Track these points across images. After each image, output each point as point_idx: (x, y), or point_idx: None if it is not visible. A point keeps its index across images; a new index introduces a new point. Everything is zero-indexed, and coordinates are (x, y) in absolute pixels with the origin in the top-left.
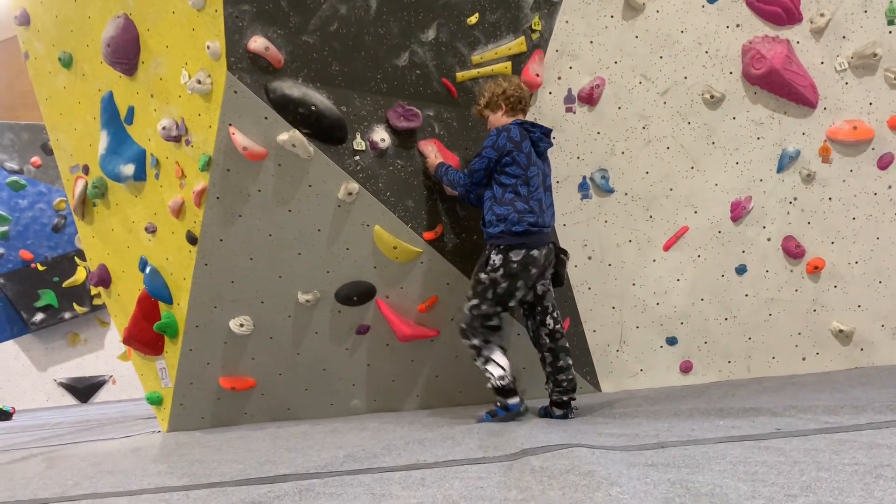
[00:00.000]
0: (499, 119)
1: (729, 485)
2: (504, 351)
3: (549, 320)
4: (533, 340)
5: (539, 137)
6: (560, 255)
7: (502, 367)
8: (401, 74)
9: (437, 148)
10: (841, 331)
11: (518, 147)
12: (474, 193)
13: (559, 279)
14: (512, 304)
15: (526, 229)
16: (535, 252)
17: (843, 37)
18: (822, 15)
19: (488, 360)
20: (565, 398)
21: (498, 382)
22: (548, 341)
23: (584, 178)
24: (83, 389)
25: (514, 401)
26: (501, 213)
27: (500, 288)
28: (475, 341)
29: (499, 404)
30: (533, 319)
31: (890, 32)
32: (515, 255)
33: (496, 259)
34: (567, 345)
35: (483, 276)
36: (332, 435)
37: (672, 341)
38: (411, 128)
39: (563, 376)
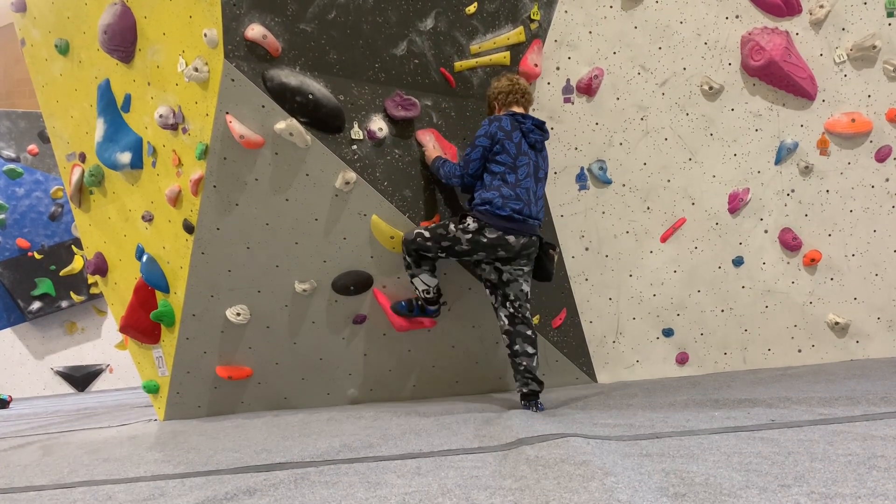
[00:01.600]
0: (507, 110)
1: (723, 475)
2: (432, 272)
3: (509, 305)
4: (497, 317)
5: (529, 128)
6: (548, 251)
7: (427, 284)
8: (399, 63)
9: (434, 137)
10: (837, 323)
11: (508, 136)
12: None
13: (545, 273)
14: (453, 260)
15: (509, 214)
16: (510, 237)
17: (843, 29)
18: (821, 6)
19: (415, 276)
20: (525, 390)
21: (422, 294)
22: (505, 322)
23: (582, 168)
24: (80, 378)
25: (433, 308)
26: (487, 197)
27: (459, 247)
28: (409, 259)
29: (419, 303)
30: (495, 298)
31: (889, 25)
32: (490, 233)
33: (472, 225)
34: (529, 333)
35: (452, 227)
36: (328, 424)
37: (668, 332)
38: (409, 117)
39: (521, 361)
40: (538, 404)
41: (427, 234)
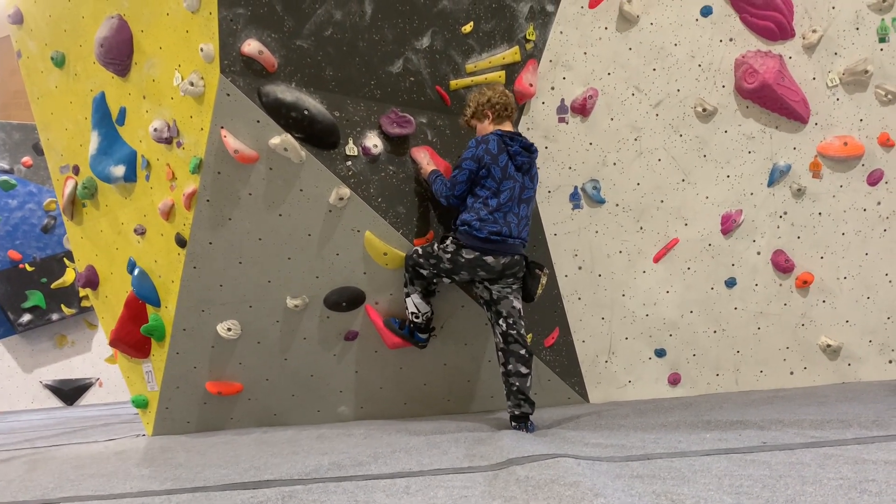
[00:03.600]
0: (485, 127)
1: (714, 497)
2: (425, 295)
3: (502, 322)
4: (493, 334)
5: (517, 151)
6: (535, 270)
7: (417, 308)
8: (394, 81)
9: (429, 155)
10: (829, 345)
11: (495, 160)
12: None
13: (526, 293)
14: (445, 281)
15: (486, 237)
16: (488, 258)
17: (835, 53)
18: (814, 31)
19: (409, 294)
20: (517, 412)
21: (411, 318)
22: (500, 341)
23: (576, 188)
24: (69, 392)
25: (422, 336)
26: (465, 218)
27: (443, 265)
28: (406, 276)
29: (410, 325)
30: (489, 314)
31: (881, 50)
32: (467, 254)
33: (450, 245)
34: (523, 353)
35: (437, 246)
36: (318, 441)
37: (661, 353)
38: (404, 134)
39: (513, 381)
40: (528, 426)
41: (421, 251)
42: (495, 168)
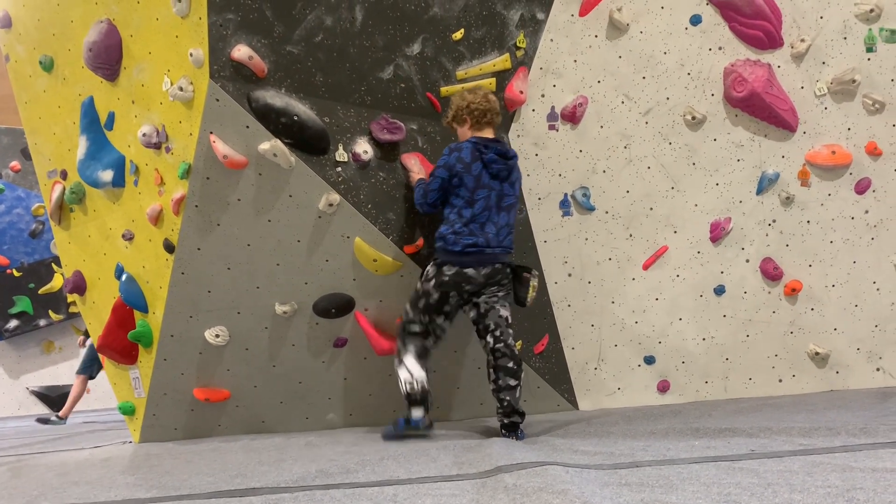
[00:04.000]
0: (465, 132)
1: None
2: (420, 357)
3: (490, 338)
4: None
5: (492, 159)
6: (522, 275)
7: (410, 373)
8: (385, 87)
9: (419, 161)
10: (817, 353)
11: (467, 169)
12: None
13: (517, 299)
14: (440, 319)
15: (462, 249)
16: (469, 270)
17: (823, 62)
18: (802, 40)
19: (401, 362)
20: (506, 420)
21: (404, 387)
22: (491, 358)
23: (566, 195)
24: (56, 398)
25: (417, 413)
26: (441, 232)
27: (431, 299)
28: (398, 342)
29: (405, 417)
30: (478, 334)
31: (868, 59)
32: (448, 270)
33: (430, 270)
34: (511, 366)
35: (419, 285)
36: (306, 449)
37: (650, 360)
38: (394, 140)
39: (503, 396)
40: (518, 434)
41: (407, 306)
42: (468, 177)
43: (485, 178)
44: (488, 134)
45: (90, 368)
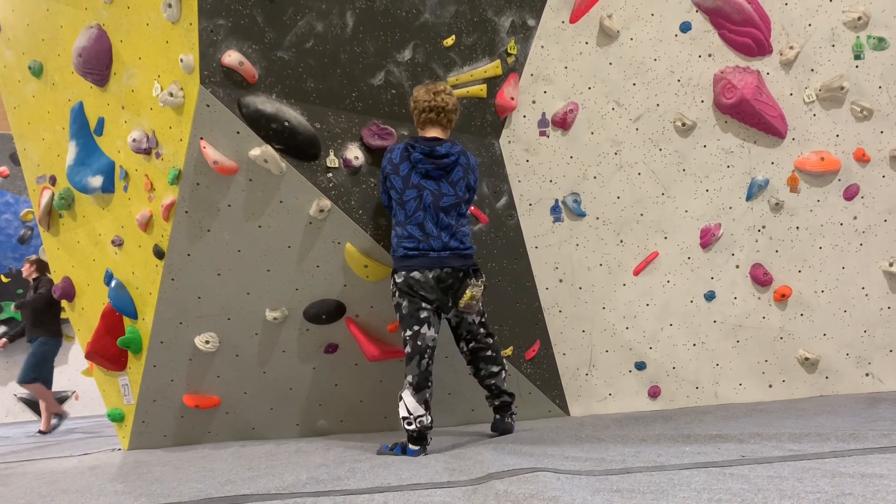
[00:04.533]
0: (420, 131)
1: None
2: (418, 391)
3: (463, 345)
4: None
5: (417, 158)
6: (466, 280)
7: (408, 410)
8: (376, 93)
9: None
10: (807, 359)
11: (395, 170)
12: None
13: (453, 303)
14: (422, 328)
15: (404, 254)
16: (415, 274)
17: (812, 70)
18: (791, 48)
19: (401, 399)
20: (497, 402)
21: (404, 424)
22: (468, 356)
23: (557, 201)
24: None
25: (413, 448)
26: (392, 241)
27: (404, 308)
28: (406, 365)
29: (402, 441)
30: (456, 342)
31: (856, 67)
32: (398, 278)
33: (391, 282)
34: (490, 354)
35: (393, 301)
36: (296, 455)
37: (641, 366)
38: (385, 146)
39: (488, 382)
40: (510, 415)
41: (401, 333)
42: (395, 178)
43: (414, 178)
44: (434, 133)
45: (36, 373)
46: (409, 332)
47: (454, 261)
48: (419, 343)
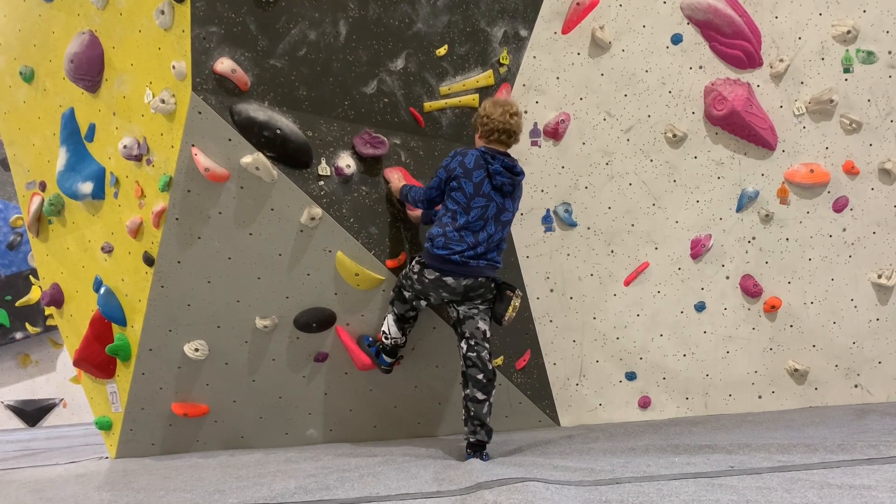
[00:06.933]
0: (477, 140)
1: None
2: (400, 321)
3: (464, 344)
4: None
5: (497, 170)
6: (506, 292)
7: (388, 330)
8: (368, 102)
9: (402, 175)
10: (796, 370)
11: (468, 175)
12: (433, 211)
13: (497, 317)
14: (423, 303)
15: (445, 255)
16: (448, 279)
17: (801, 82)
18: (781, 60)
19: (388, 312)
20: (472, 439)
21: (381, 337)
22: (462, 364)
23: (548, 210)
24: (32, 413)
25: (387, 359)
26: (434, 233)
27: (413, 285)
28: (392, 293)
29: (379, 345)
30: (456, 336)
31: (846, 80)
32: (429, 275)
33: (415, 266)
34: (480, 378)
35: (405, 270)
36: (285, 464)
37: (631, 376)
38: (377, 155)
39: (469, 405)
40: (483, 455)
41: (404, 271)
42: (467, 183)
43: (486, 187)
44: (501, 149)
45: None
46: (411, 292)
47: (488, 272)
48: (420, 299)
